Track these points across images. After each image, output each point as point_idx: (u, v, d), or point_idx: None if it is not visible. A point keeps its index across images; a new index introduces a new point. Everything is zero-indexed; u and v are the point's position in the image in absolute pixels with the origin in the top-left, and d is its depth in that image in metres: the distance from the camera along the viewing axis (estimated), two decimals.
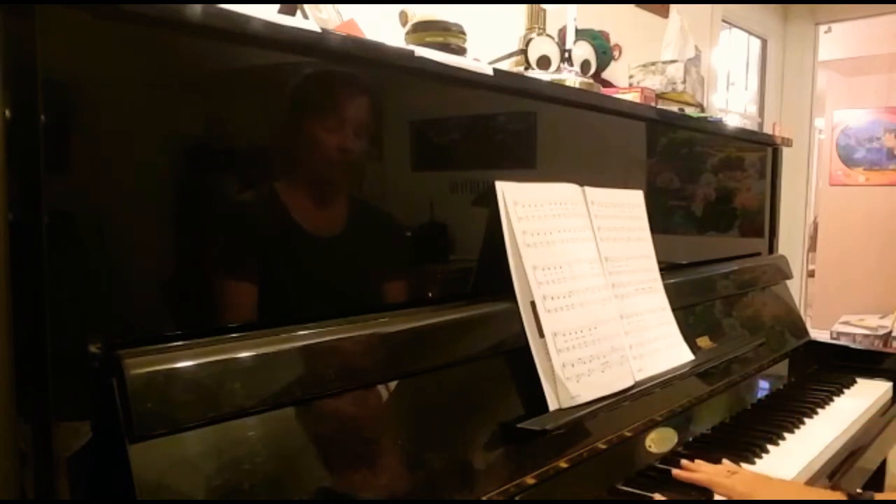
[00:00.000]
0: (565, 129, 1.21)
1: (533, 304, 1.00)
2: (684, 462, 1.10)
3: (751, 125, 3.91)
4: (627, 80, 1.88)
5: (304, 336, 0.76)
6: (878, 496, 0.96)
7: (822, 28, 4.35)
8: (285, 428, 0.72)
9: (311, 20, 1.05)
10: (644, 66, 1.86)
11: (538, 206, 1.06)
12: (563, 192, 1.12)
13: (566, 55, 1.45)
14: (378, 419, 0.81)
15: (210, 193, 0.73)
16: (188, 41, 0.70)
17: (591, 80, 1.49)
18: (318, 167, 0.86)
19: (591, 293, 1.09)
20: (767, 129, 2.04)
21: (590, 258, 1.12)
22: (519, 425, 0.93)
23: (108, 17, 0.63)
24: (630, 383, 1.10)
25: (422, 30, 1.19)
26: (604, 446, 1.06)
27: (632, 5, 2.62)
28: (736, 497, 1.00)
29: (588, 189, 1.17)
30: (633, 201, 1.30)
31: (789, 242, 4.00)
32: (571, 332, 1.03)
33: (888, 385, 1.71)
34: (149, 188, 0.68)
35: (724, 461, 1.09)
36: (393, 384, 0.83)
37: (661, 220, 1.43)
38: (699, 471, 1.07)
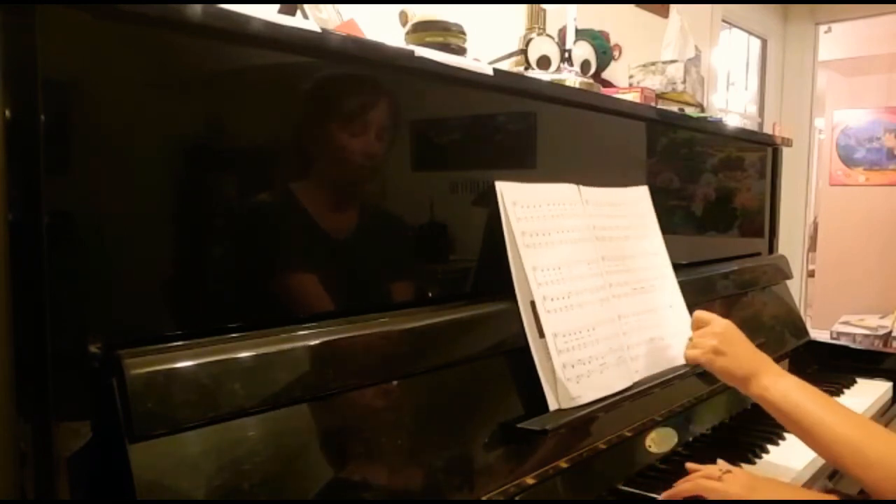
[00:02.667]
0: (565, 129, 1.21)
1: (533, 304, 1.00)
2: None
3: (751, 125, 3.92)
4: (627, 80, 1.88)
5: (304, 336, 0.76)
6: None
7: (822, 28, 4.36)
8: (285, 428, 0.72)
9: (311, 20, 1.05)
10: (644, 66, 1.86)
11: (537, 206, 1.06)
12: (563, 192, 1.12)
13: (566, 55, 1.45)
14: (378, 419, 0.81)
15: (209, 193, 0.73)
16: (188, 41, 0.70)
17: (591, 80, 1.49)
18: (318, 167, 0.86)
19: (591, 293, 1.09)
20: (767, 129, 2.04)
21: (589, 258, 1.12)
22: (519, 425, 0.93)
23: (108, 17, 0.63)
24: (629, 384, 1.09)
25: (422, 30, 1.19)
26: (604, 446, 1.06)
27: (632, 5, 2.62)
28: (729, 498, 0.96)
29: (587, 189, 1.17)
30: (635, 198, 1.28)
31: (789, 242, 4.01)
32: (571, 333, 1.03)
33: (888, 385, 1.71)
34: (148, 188, 0.68)
35: (719, 461, 1.05)
36: (393, 384, 0.83)
37: (661, 220, 1.43)
38: (686, 480, 1.01)
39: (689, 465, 1.05)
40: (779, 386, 1.00)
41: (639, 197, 1.31)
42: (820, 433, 0.94)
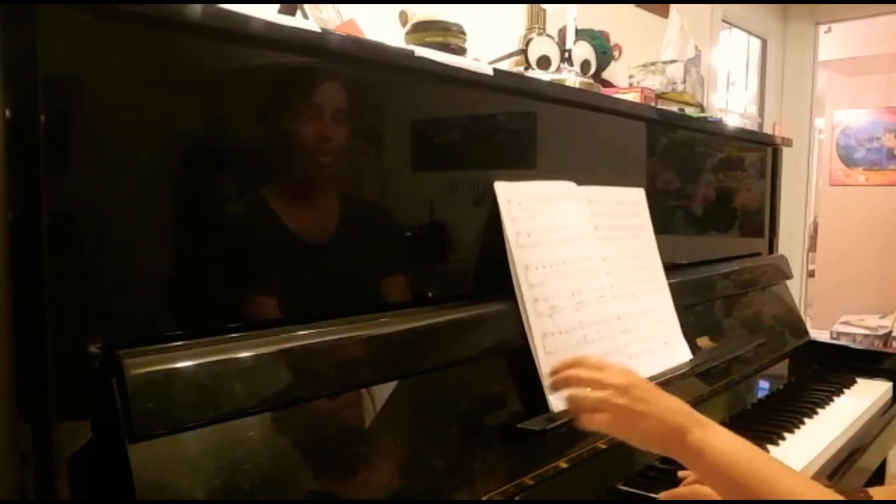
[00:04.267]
0: (565, 129, 1.21)
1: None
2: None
3: (751, 125, 3.92)
4: (627, 80, 1.88)
5: (304, 336, 0.76)
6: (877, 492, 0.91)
7: (822, 28, 4.36)
8: (285, 428, 0.71)
9: (311, 20, 1.05)
10: (644, 66, 1.86)
11: (534, 205, 1.06)
12: (560, 191, 1.12)
13: (566, 55, 1.45)
14: (378, 419, 0.81)
15: (210, 193, 0.73)
16: (188, 41, 0.70)
17: (591, 80, 1.49)
18: (319, 166, 0.86)
19: (587, 294, 1.09)
20: (767, 129, 2.04)
21: (587, 257, 1.12)
22: (519, 425, 0.93)
23: (108, 17, 0.63)
24: None
25: (422, 30, 1.19)
26: (604, 446, 1.06)
27: (632, 5, 2.62)
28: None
29: (586, 188, 1.17)
30: (632, 199, 1.29)
31: (789, 242, 4.00)
32: (564, 333, 1.02)
33: (888, 385, 1.71)
34: (149, 188, 0.68)
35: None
36: (393, 384, 0.83)
37: (661, 220, 1.43)
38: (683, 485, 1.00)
39: (681, 473, 1.03)
40: (717, 440, 0.80)
41: (635, 198, 1.30)
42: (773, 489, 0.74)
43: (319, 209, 0.86)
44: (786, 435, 1.30)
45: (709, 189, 1.69)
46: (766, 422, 1.36)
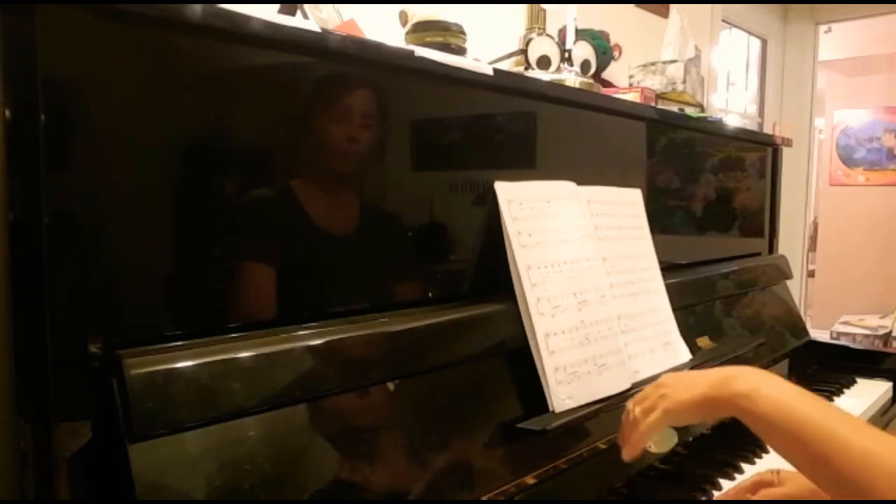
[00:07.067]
0: (565, 129, 1.21)
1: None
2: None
3: (751, 125, 3.92)
4: (627, 80, 1.88)
5: (305, 336, 0.76)
6: None
7: (822, 28, 4.36)
8: (286, 428, 0.72)
9: (311, 20, 1.05)
10: (644, 66, 1.86)
11: (534, 205, 1.05)
12: (560, 191, 1.12)
13: (566, 55, 1.45)
14: (378, 419, 0.81)
15: (210, 193, 0.73)
16: (188, 41, 0.70)
17: (591, 80, 1.49)
18: (317, 167, 0.86)
19: (587, 294, 1.09)
20: (767, 129, 2.04)
21: (586, 257, 1.12)
22: (519, 425, 0.93)
23: (108, 17, 0.63)
24: (626, 386, 1.09)
25: (422, 30, 1.19)
26: (604, 446, 1.06)
27: (632, 5, 2.62)
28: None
29: (585, 188, 1.17)
30: (631, 199, 1.29)
31: (789, 242, 4.01)
32: (564, 333, 1.02)
33: (888, 385, 1.71)
34: (149, 188, 0.68)
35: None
36: (393, 384, 0.83)
37: (661, 220, 1.43)
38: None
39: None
40: (766, 391, 0.74)
41: (634, 198, 1.31)
42: (829, 446, 0.67)
43: (317, 210, 0.86)
44: None
45: (709, 189, 1.69)
46: None
